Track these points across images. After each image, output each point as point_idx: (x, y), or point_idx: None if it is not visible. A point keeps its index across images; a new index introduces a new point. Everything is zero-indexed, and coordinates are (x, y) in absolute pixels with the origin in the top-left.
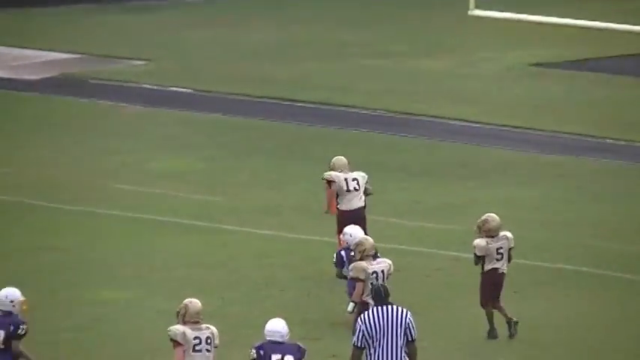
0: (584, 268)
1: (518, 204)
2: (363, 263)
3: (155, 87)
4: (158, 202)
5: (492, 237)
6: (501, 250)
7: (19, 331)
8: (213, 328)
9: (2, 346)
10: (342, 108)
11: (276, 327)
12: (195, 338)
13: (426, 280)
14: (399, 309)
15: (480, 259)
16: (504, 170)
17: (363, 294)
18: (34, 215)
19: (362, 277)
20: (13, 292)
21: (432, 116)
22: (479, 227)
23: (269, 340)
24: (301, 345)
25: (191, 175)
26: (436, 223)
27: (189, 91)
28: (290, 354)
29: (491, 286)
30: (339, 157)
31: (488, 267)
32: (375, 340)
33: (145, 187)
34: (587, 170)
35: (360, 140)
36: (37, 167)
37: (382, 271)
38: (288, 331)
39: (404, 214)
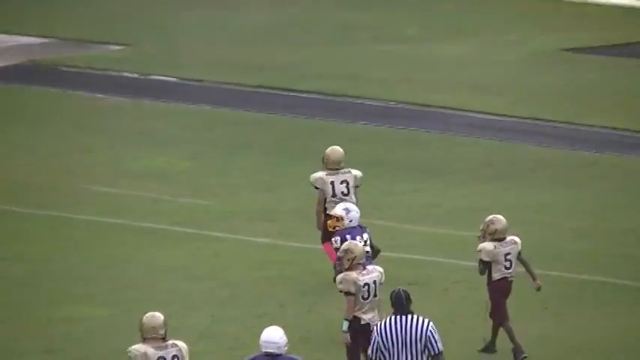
0: (624, 281)
1: (549, 208)
2: (354, 274)
3: (135, 75)
4: (138, 206)
5: (499, 240)
6: (509, 257)
7: None
8: (182, 345)
9: None
10: (349, 99)
11: (273, 337)
12: (159, 359)
13: (445, 295)
14: (419, 319)
15: (486, 267)
16: (534, 170)
17: (355, 308)
18: None
19: (353, 290)
20: None
21: (451, 108)
22: (483, 230)
23: (264, 353)
24: (300, 358)
25: (176, 176)
26: (456, 229)
27: (173, 79)
28: None
29: (502, 296)
30: (335, 147)
31: (497, 276)
32: (391, 354)
33: (123, 189)
34: (627, 170)
35: (370, 135)
36: None
37: (374, 282)
38: (286, 341)
39: (419, 219)
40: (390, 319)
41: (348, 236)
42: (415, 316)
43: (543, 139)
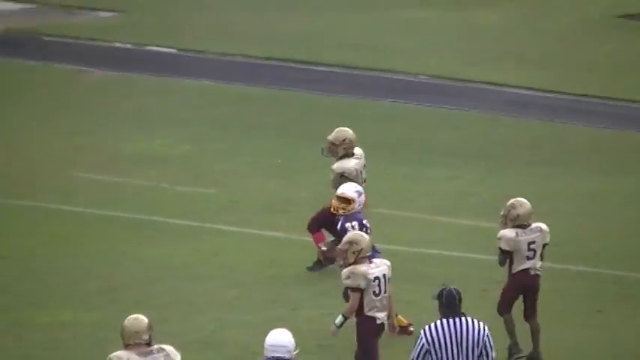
0: None
1: (601, 197)
2: (363, 267)
3: (128, 46)
4: (131, 196)
5: (522, 227)
6: (534, 246)
7: None
8: (169, 349)
9: None
10: (372, 73)
11: (281, 340)
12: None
13: (482, 297)
14: (475, 322)
15: (506, 257)
16: (584, 154)
17: (365, 308)
18: None
19: (363, 285)
20: None
21: (491, 83)
22: (504, 216)
23: (271, 357)
24: None
25: (175, 161)
26: (495, 221)
27: (171, 50)
28: None
29: (520, 292)
30: (344, 129)
31: (517, 267)
32: (439, 359)
33: (114, 176)
34: None
35: (396, 114)
36: None
37: (384, 276)
38: (295, 345)
39: (453, 209)
40: (442, 322)
41: (364, 222)
42: (470, 319)
43: (595, 118)
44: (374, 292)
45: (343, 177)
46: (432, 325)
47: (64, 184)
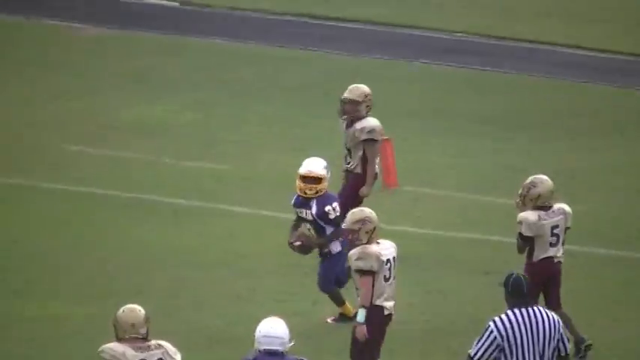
0: None
1: None
2: (374, 248)
3: None
4: (128, 172)
5: (544, 209)
6: (557, 230)
7: None
8: (168, 346)
9: None
10: (402, 30)
11: (276, 330)
12: None
13: None
14: (548, 313)
15: (527, 243)
16: None
17: (373, 295)
18: None
19: (375, 267)
20: None
21: (536, 42)
22: (522, 196)
23: (265, 350)
24: None
25: (178, 130)
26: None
27: (173, 4)
28: None
29: (542, 281)
30: (359, 85)
31: (540, 255)
32: (512, 355)
33: (111, 149)
34: None
35: (429, 77)
36: None
37: (393, 259)
38: (290, 337)
39: (495, 186)
40: (514, 313)
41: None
42: (541, 309)
43: None
44: (385, 276)
45: (374, 141)
46: (503, 316)
47: (53, 158)
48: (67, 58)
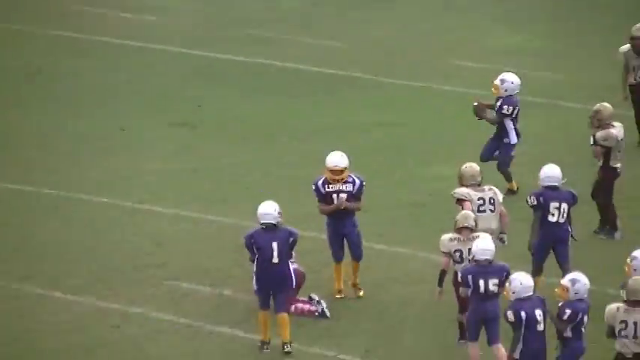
0: None
1: None
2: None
3: None
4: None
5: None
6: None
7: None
8: (496, 189)
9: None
10: None
11: (266, 209)
12: (479, 199)
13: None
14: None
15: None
16: None
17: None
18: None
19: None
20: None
21: None
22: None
23: (261, 225)
24: (293, 230)
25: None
26: None
27: None
28: (278, 240)
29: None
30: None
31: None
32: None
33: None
34: None
35: None
36: (370, 43)
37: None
38: (279, 212)
39: None
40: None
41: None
42: None
43: None
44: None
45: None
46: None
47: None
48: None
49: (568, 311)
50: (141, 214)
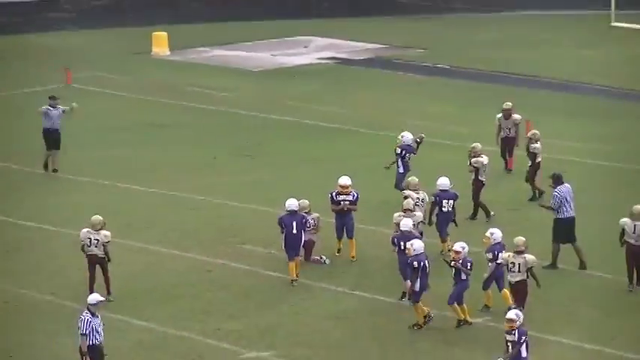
0: None
1: None
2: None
3: None
4: None
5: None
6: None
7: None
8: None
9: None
10: None
11: (292, 203)
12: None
13: None
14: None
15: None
16: None
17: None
18: None
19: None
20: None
21: None
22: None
23: (287, 211)
24: (305, 215)
25: None
26: None
27: None
28: (297, 220)
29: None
30: None
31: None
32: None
33: None
34: None
35: None
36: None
37: None
38: (298, 205)
39: None
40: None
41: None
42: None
43: None
44: None
45: None
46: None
47: None
48: None
49: (489, 255)
50: None
